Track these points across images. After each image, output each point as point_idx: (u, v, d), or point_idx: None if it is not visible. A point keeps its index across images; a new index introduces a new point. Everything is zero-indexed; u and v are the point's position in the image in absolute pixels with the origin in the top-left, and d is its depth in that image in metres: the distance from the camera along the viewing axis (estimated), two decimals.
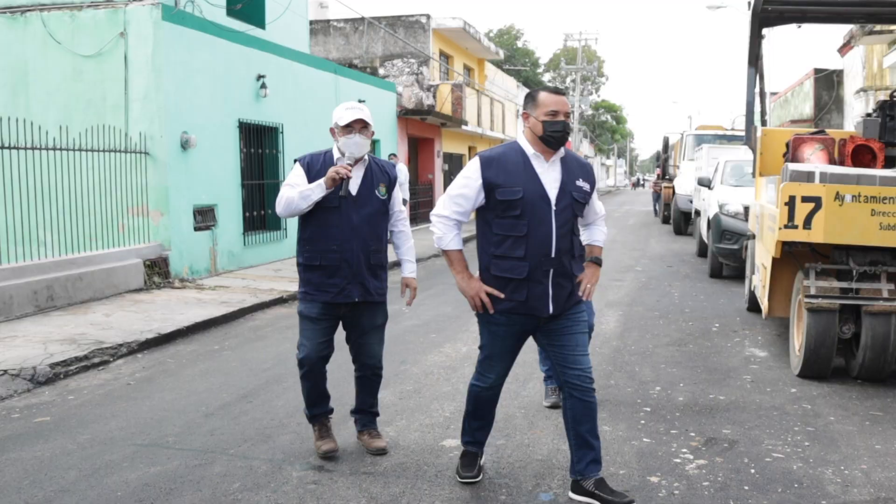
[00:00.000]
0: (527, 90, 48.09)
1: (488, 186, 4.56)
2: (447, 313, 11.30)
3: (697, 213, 19.09)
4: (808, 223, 7.27)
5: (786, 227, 7.33)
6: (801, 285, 7.74)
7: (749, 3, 9.99)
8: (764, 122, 11.09)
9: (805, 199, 7.26)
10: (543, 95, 4.59)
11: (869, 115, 9.94)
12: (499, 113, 35.31)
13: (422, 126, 27.10)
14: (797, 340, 7.94)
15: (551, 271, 4.57)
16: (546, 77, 71.69)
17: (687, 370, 8.05)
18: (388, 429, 6.10)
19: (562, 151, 4.65)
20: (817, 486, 5.05)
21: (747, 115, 10.60)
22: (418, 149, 28.19)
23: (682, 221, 25.03)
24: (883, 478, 5.22)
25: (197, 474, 5.21)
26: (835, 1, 9.46)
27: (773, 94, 36.93)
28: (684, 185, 24.60)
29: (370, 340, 5.51)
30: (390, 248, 5.76)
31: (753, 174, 10.68)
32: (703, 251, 17.65)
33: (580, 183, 4.66)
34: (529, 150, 4.61)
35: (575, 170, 4.67)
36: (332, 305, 5.33)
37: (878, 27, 22.74)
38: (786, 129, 11.64)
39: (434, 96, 27.10)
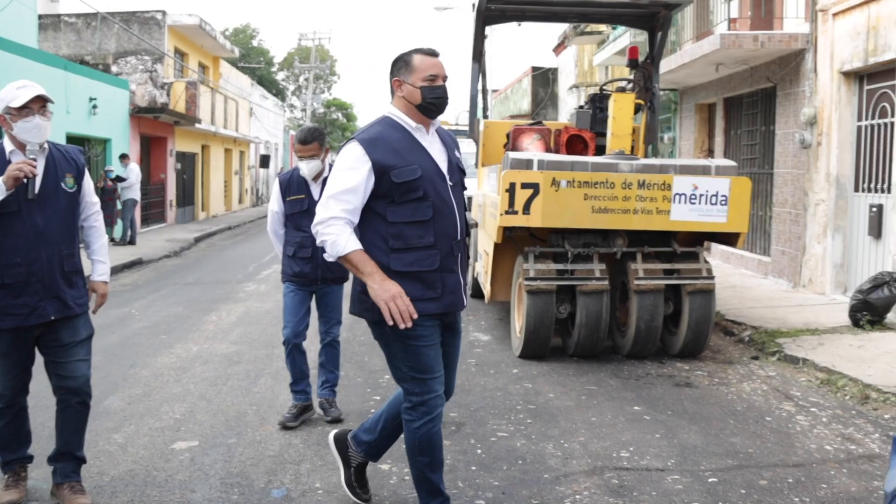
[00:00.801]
0: (261, 88, 47.44)
1: (379, 170, 3.85)
2: (178, 314, 10.87)
3: None
4: (527, 208, 7.55)
5: (507, 212, 7.57)
6: (520, 269, 8.03)
7: (473, 5, 10.27)
8: (486, 118, 11.46)
9: (524, 186, 7.53)
10: (419, 58, 3.97)
11: (581, 107, 10.53)
12: (233, 111, 34.51)
13: (155, 125, 25.93)
14: (518, 323, 8.24)
15: (460, 256, 4.03)
16: (280, 76, 70.98)
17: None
18: (116, 435, 5.73)
19: (436, 121, 4.14)
20: (540, 461, 5.24)
21: (471, 108, 10.90)
22: (151, 148, 26.94)
23: None
24: (598, 447, 5.51)
25: None
26: (551, 1, 9.93)
27: (495, 90, 38.53)
28: None
29: (73, 357, 4.47)
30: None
31: (476, 165, 11.01)
32: None
33: (458, 154, 4.17)
34: (410, 122, 4.00)
35: (449, 141, 4.17)
36: (22, 330, 4.35)
37: (588, 28, 24.26)
38: (507, 122, 12.09)
39: (168, 94, 26.01)
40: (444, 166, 4.00)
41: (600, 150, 9.56)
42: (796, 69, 12.48)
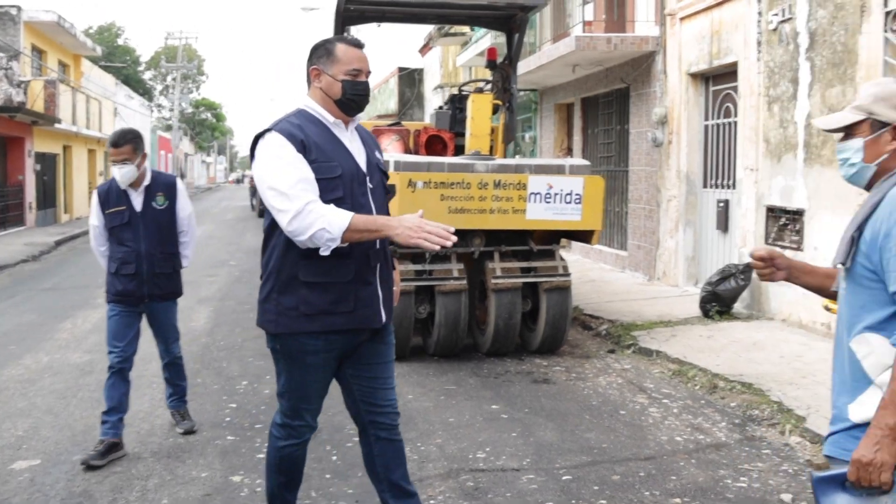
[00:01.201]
0: (126, 88, 45.74)
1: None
2: (31, 321, 10.41)
3: None
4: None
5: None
6: None
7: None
8: None
9: None
10: (343, 49, 3.60)
11: (440, 107, 10.55)
12: (96, 111, 33.27)
13: (11, 124, 24.71)
14: None
15: (378, 267, 3.62)
16: (147, 75, 68.80)
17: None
18: None
19: (356, 118, 3.75)
20: None
21: None
22: (7, 148, 25.67)
23: None
24: (455, 449, 5.51)
25: None
26: (409, 3, 9.90)
27: None
28: None
29: None
30: None
31: None
32: None
33: (378, 155, 3.82)
34: (328, 117, 3.61)
35: (369, 140, 3.81)
36: None
37: (452, 30, 24.40)
38: (366, 122, 12.00)
39: (25, 93, 24.84)
40: (363, 166, 3.64)
41: (460, 151, 9.60)
42: (648, 70, 12.84)
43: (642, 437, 5.83)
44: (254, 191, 34.67)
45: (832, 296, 2.92)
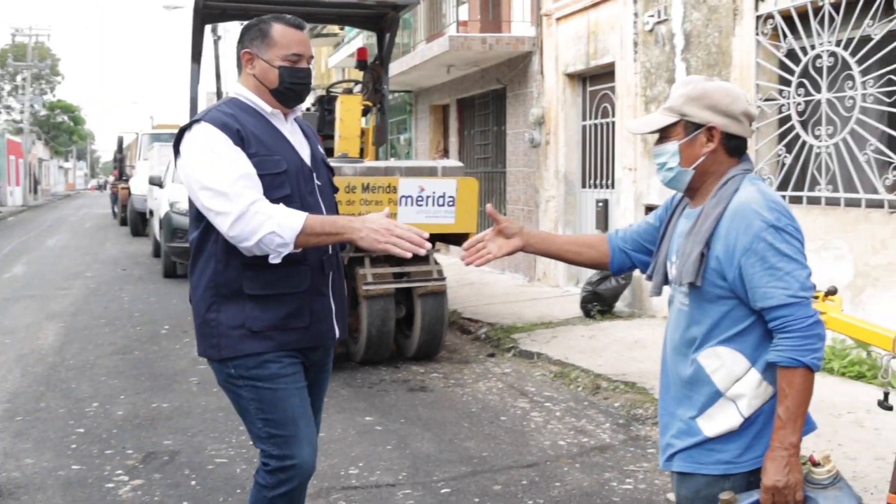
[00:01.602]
0: None
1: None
2: None
3: (152, 212, 18.56)
4: None
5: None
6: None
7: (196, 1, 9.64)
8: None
9: None
10: (280, 30, 3.11)
11: (308, 109, 10.15)
12: None
13: None
14: None
15: (332, 276, 3.15)
16: None
17: (130, 380, 7.38)
18: None
19: (297, 109, 3.26)
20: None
21: (191, 112, 10.24)
22: None
23: (139, 222, 24.37)
24: (326, 466, 5.06)
25: None
26: (273, 0, 9.46)
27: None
28: (140, 185, 23.82)
29: None
30: None
31: None
32: (158, 251, 17.07)
33: (321, 150, 3.35)
34: (265, 107, 3.11)
35: (311, 133, 3.33)
36: None
37: (325, 30, 23.95)
38: None
39: None
40: (308, 161, 3.16)
41: (329, 153, 9.18)
42: (524, 71, 12.71)
43: (524, 444, 5.57)
44: (115, 197, 33.37)
45: (580, 264, 2.91)
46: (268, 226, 2.83)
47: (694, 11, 8.74)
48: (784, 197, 7.47)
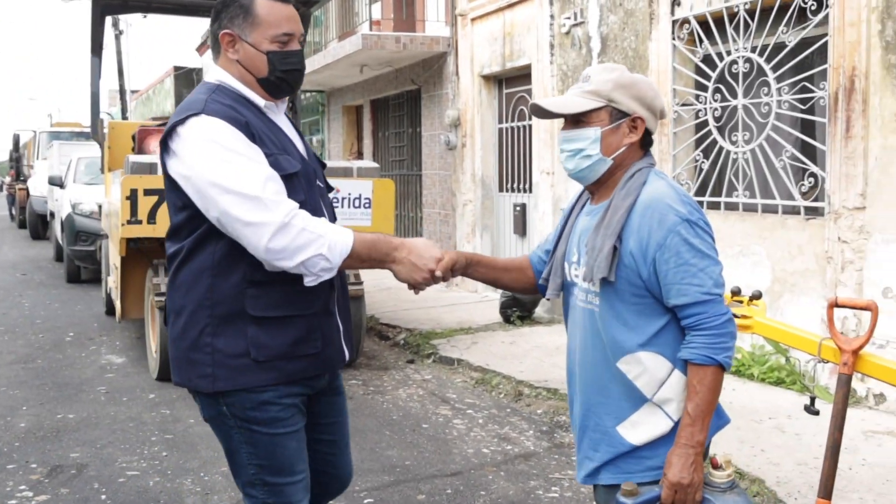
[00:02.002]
0: None
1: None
2: None
3: (52, 214, 17.90)
4: (152, 217, 6.74)
5: (129, 222, 6.73)
6: (151, 284, 7.22)
7: None
8: (126, 119, 10.39)
9: (148, 192, 6.72)
10: (266, 5, 2.62)
11: None
12: None
13: None
14: (153, 342, 7.42)
15: (336, 292, 2.73)
16: None
17: (33, 390, 7.02)
18: None
19: (285, 99, 2.81)
20: (176, 500, 4.60)
21: (93, 107, 9.87)
22: None
23: (38, 225, 23.44)
24: None
25: None
26: None
27: (135, 91, 36.69)
28: (39, 186, 22.98)
29: None
30: None
31: (102, 170, 10.01)
32: (60, 255, 16.46)
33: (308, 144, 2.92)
34: (257, 99, 2.65)
35: (295, 125, 2.90)
36: None
37: None
38: (134, 123, 11.16)
39: None
40: (308, 160, 2.76)
41: None
42: (439, 72, 12.62)
43: (447, 452, 5.46)
44: (12, 199, 32.18)
45: (513, 289, 2.80)
46: (316, 246, 2.44)
47: (610, 14, 8.78)
48: (702, 203, 7.55)
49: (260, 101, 2.65)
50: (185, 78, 30.88)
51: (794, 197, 6.82)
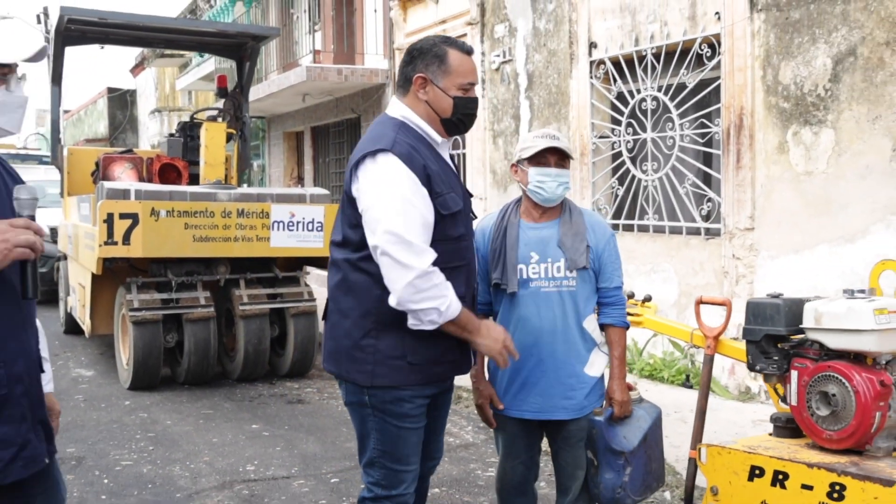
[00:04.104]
0: None
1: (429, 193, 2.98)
2: None
3: None
4: (127, 239, 7.46)
5: (106, 243, 7.41)
6: (123, 300, 7.88)
7: (38, 18, 9.84)
8: (59, 141, 10.92)
9: (123, 216, 7.44)
10: (458, 58, 3.07)
11: (172, 135, 10.50)
12: None
13: None
14: (125, 355, 8.06)
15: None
16: None
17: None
18: None
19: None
20: (169, 483, 5.31)
21: (53, 133, 10.46)
22: None
23: None
24: (225, 465, 5.67)
25: None
26: (136, 26, 9.80)
27: (67, 111, 36.63)
28: None
29: None
30: None
31: (62, 194, 10.55)
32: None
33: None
34: (435, 136, 3.08)
35: (453, 159, 3.35)
36: None
37: (169, 51, 24.00)
38: (94, 149, 11.69)
39: None
40: (465, 194, 3.19)
41: (194, 179, 9.59)
42: (378, 102, 13.44)
43: None
44: None
45: None
46: (439, 302, 2.87)
47: (536, 53, 9.69)
48: (618, 225, 8.49)
49: (437, 138, 3.09)
50: (120, 99, 30.96)
51: (695, 219, 7.74)
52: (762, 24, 6.98)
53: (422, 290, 2.84)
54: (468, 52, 3.12)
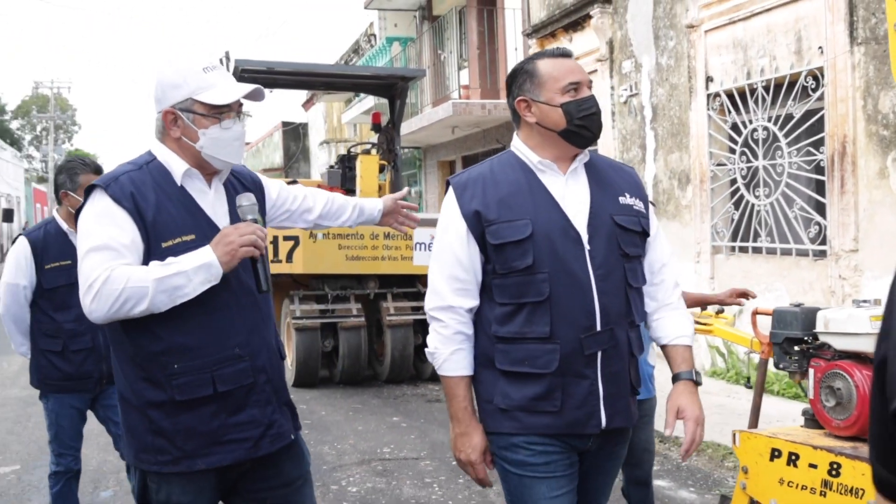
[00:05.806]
0: None
1: (475, 227, 2.67)
2: None
3: None
4: (290, 257, 8.69)
5: (272, 262, 8.64)
6: (288, 310, 9.10)
7: (221, 61, 11.17)
8: None
9: (286, 238, 8.69)
10: (548, 64, 2.74)
11: (332, 167, 11.72)
12: None
13: None
14: (289, 356, 9.29)
15: (599, 356, 2.65)
16: (15, 124, 66.98)
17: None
18: None
19: (586, 154, 2.83)
20: (319, 458, 6.36)
21: None
22: None
23: None
24: (365, 447, 6.72)
25: None
26: (299, 73, 11.07)
27: (247, 143, 39.04)
28: None
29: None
30: None
31: None
32: None
33: (627, 199, 2.80)
34: (532, 157, 2.73)
35: (613, 179, 2.85)
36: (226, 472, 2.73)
37: None
38: (270, 180, 13.06)
39: None
40: (580, 221, 2.67)
41: None
42: None
43: None
44: None
45: None
46: (431, 339, 2.72)
47: (659, 87, 10.36)
48: (734, 248, 9.07)
49: (534, 159, 2.75)
50: (293, 132, 32.85)
51: (804, 241, 8.18)
52: (862, 57, 7.47)
53: (432, 326, 2.73)
54: (560, 54, 2.79)
